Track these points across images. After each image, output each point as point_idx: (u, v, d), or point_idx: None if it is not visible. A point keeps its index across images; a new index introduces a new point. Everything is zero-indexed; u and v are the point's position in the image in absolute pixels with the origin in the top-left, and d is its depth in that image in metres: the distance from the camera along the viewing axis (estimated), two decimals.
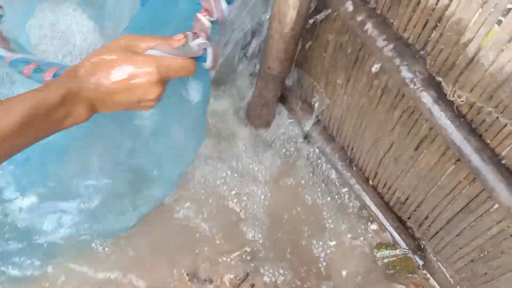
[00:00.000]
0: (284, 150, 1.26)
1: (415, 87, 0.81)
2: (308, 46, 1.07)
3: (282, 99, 1.24)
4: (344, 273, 1.12)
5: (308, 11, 0.91)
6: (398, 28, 0.82)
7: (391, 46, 0.82)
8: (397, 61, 0.82)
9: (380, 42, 0.83)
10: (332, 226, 1.17)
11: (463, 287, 1.03)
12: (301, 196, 1.20)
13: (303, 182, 1.22)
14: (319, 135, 1.22)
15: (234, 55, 1.20)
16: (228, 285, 1.07)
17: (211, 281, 1.07)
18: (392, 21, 0.83)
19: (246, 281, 1.08)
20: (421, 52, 0.80)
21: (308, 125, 1.22)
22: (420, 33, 0.79)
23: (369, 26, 0.84)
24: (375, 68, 0.90)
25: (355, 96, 1.04)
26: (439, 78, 0.80)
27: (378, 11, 0.85)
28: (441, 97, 0.80)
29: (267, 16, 1.02)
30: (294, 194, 1.20)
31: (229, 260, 1.10)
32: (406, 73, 0.81)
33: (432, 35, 0.77)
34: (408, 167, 1.00)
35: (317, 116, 1.20)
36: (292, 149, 1.25)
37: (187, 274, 1.07)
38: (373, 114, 1.01)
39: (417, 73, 0.80)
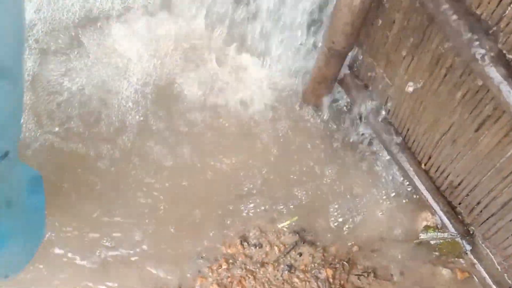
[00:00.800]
0: (336, 127, 1.28)
1: (485, 63, 0.81)
2: (372, 23, 1.08)
3: (339, 79, 1.26)
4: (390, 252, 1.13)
5: None
6: (472, 4, 0.83)
7: (462, 21, 0.83)
8: (468, 36, 0.83)
9: (452, 17, 0.84)
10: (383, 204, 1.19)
11: (511, 274, 1.03)
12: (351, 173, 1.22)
13: (351, 160, 1.24)
14: (374, 116, 1.23)
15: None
16: (277, 252, 1.10)
17: (260, 246, 1.10)
18: None
19: (294, 250, 1.11)
20: (494, 29, 0.81)
21: (363, 105, 1.23)
22: (494, 10, 0.80)
23: (442, 1, 0.85)
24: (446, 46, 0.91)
25: (416, 77, 1.04)
26: (510, 56, 0.80)
27: None
28: (510, 74, 0.80)
29: None
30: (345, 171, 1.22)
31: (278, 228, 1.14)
32: (477, 49, 0.82)
33: (507, 11, 0.78)
34: (466, 150, 1.00)
35: (374, 96, 1.21)
36: (346, 126, 1.27)
37: (240, 237, 1.11)
38: (433, 95, 1.02)
39: (488, 49, 0.81)
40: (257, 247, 1.10)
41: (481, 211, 1.05)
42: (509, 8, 0.78)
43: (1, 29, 0.84)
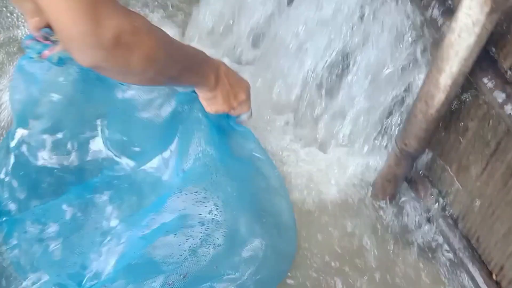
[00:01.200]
0: (400, 225, 1.27)
1: None
2: (445, 128, 1.10)
3: (408, 177, 1.26)
4: None
5: (456, 95, 0.95)
6: None
7: None
8: None
9: None
10: None
11: None
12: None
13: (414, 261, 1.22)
14: (442, 219, 1.21)
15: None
16: None
17: None
18: None
19: None
20: None
21: (431, 207, 1.23)
22: None
23: None
24: None
25: (489, 184, 1.04)
26: None
27: None
28: None
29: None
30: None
31: None
32: None
33: None
34: None
35: (443, 199, 1.20)
36: (412, 227, 1.25)
37: None
38: (507, 206, 1.00)
39: None
40: None
41: None
42: None
43: None
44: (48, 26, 1.08)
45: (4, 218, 1.11)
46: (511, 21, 0.84)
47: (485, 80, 0.90)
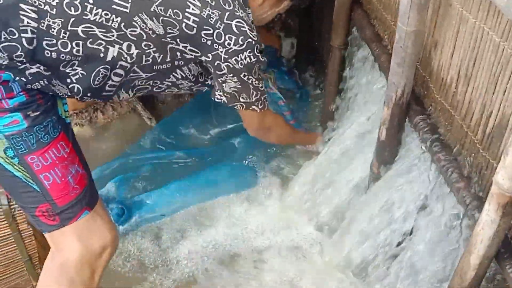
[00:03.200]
0: None
1: None
2: None
3: None
4: None
5: (485, 274, 1.22)
6: None
7: None
8: None
9: None
10: None
11: None
12: None
13: None
14: None
15: None
16: None
17: None
18: None
19: None
20: None
21: None
22: None
23: None
24: None
25: None
26: None
27: None
28: None
29: None
30: None
31: None
32: None
33: None
34: None
35: None
36: None
37: None
38: None
39: None
40: None
41: None
42: None
43: None
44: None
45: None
46: None
47: (508, 267, 1.17)
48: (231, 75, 1.55)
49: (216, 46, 1.50)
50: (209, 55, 1.52)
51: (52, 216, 1.41)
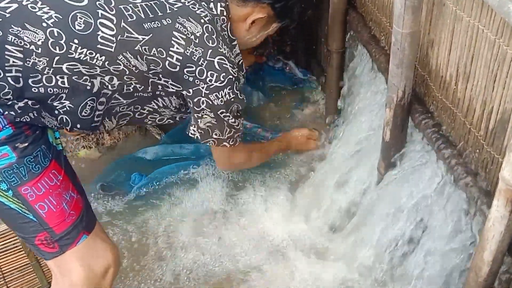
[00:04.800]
0: None
1: None
2: None
3: None
4: None
5: (499, 268, 1.23)
6: None
7: None
8: None
9: None
10: None
11: None
12: None
13: None
14: None
15: None
16: None
17: None
18: None
19: None
20: None
21: None
22: None
23: None
24: None
25: None
26: None
27: None
28: None
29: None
30: None
31: None
32: None
33: None
34: None
35: None
36: None
37: None
38: None
39: None
40: None
41: None
42: None
43: None
44: None
45: None
46: None
47: None
48: (209, 110, 1.58)
49: (197, 82, 1.52)
50: (190, 90, 1.54)
51: (51, 243, 1.43)
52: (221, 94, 1.55)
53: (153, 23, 1.45)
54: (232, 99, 1.59)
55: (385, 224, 1.72)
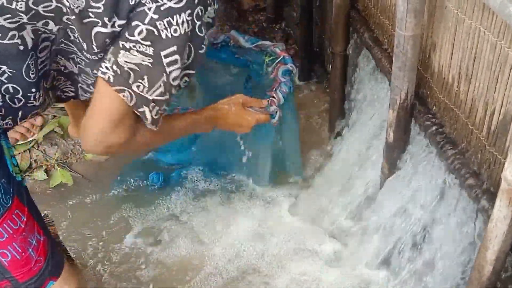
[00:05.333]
0: None
1: None
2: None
3: None
4: None
5: (502, 267, 1.24)
6: None
7: None
8: None
9: None
10: None
11: None
12: None
13: None
14: None
15: None
16: None
17: None
18: None
19: None
20: None
21: None
22: None
23: None
24: None
25: None
26: None
27: None
28: None
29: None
30: None
31: None
32: None
33: None
34: None
35: None
36: None
37: None
38: None
39: None
40: None
41: None
42: None
43: None
44: None
45: None
46: None
47: None
48: (148, 44, 1.04)
49: (145, 1, 1.03)
50: (135, 11, 1.04)
51: None
52: (176, 20, 1.02)
53: None
54: (190, 34, 1.06)
55: (389, 226, 1.73)
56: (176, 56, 1.05)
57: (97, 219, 2.12)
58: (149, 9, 1.01)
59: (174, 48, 1.04)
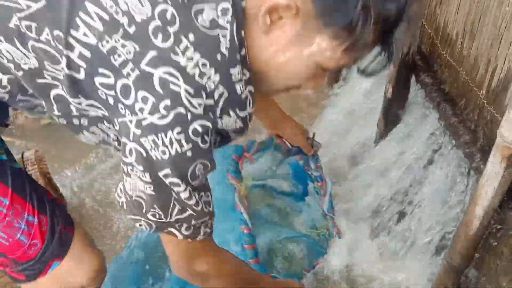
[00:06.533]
0: None
1: None
2: (486, 251, 1.39)
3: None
4: None
5: (489, 223, 1.27)
6: None
7: None
8: None
9: None
10: None
11: None
12: None
13: None
14: None
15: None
16: None
17: None
18: None
19: None
20: None
21: None
22: None
23: None
24: None
25: None
26: None
27: None
28: None
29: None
30: None
31: None
32: None
33: None
34: None
35: None
36: None
37: None
38: None
39: None
40: None
41: None
42: None
43: None
44: None
45: None
46: None
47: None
48: (140, 167, 0.84)
49: (120, 107, 0.83)
50: (115, 120, 0.86)
51: (16, 272, 1.14)
52: (161, 140, 0.80)
53: None
54: (187, 153, 0.82)
55: (383, 180, 1.75)
56: (175, 180, 0.84)
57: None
58: (130, 121, 0.81)
59: (168, 171, 0.83)
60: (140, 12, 0.78)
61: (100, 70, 0.81)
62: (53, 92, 0.89)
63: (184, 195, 0.87)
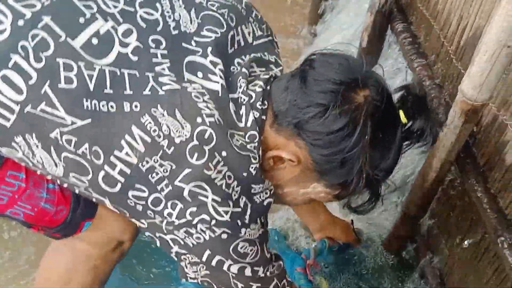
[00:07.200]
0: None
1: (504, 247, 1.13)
2: (442, 203, 1.45)
3: (413, 238, 1.60)
4: None
5: (445, 176, 1.31)
6: (505, 209, 1.18)
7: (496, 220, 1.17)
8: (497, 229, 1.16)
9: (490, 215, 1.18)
10: None
11: None
12: None
13: None
14: (432, 276, 1.53)
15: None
16: None
17: None
18: None
19: None
20: None
21: (425, 266, 1.55)
22: None
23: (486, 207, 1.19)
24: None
25: (465, 251, 1.36)
26: None
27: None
28: None
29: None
30: None
31: None
32: (500, 237, 1.14)
33: None
34: None
35: (432, 260, 1.53)
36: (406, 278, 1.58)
37: None
38: (476, 268, 1.32)
39: (507, 237, 1.13)
40: None
41: None
42: None
43: None
44: None
45: None
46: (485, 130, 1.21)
47: (467, 172, 1.26)
48: (184, 251, 0.96)
49: (150, 213, 0.93)
50: (143, 221, 0.96)
51: (50, 234, 1.18)
52: (194, 230, 0.92)
53: (102, 102, 0.86)
54: (225, 237, 0.93)
55: None
56: (219, 257, 0.95)
57: None
58: (160, 222, 0.93)
59: (208, 252, 0.94)
60: (179, 135, 0.86)
61: (137, 185, 0.89)
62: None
63: (233, 269, 0.97)
